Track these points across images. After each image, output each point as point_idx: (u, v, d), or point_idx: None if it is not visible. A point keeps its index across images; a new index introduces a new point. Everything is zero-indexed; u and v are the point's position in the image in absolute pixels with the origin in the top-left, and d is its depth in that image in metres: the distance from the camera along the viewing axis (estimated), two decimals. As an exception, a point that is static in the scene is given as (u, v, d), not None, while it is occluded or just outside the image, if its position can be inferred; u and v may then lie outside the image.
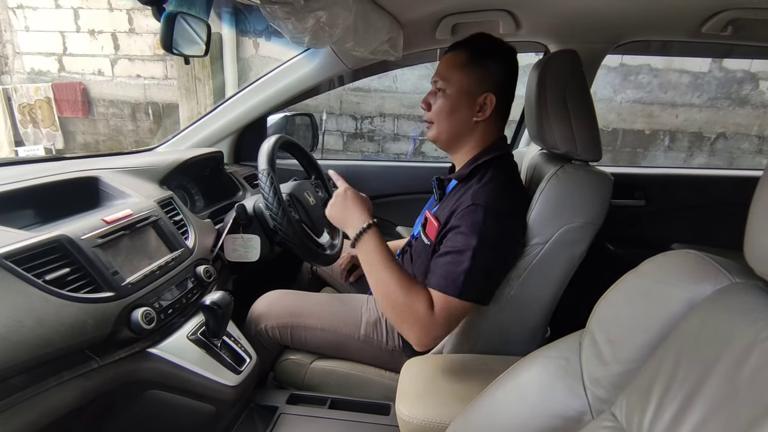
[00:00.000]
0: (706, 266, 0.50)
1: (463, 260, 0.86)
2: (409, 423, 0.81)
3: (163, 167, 1.17)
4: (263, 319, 1.14)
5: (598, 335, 0.58)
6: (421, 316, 0.86)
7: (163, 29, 0.86)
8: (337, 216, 0.99)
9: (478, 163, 0.97)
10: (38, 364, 0.64)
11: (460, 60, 0.97)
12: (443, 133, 1.01)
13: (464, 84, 0.97)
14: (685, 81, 3.69)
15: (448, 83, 0.97)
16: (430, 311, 0.86)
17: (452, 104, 0.98)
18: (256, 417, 1.01)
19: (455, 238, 0.89)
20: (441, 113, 0.99)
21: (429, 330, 0.87)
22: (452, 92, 0.97)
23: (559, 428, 0.57)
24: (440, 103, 0.99)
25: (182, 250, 0.98)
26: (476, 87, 0.97)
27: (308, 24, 0.84)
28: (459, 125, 0.99)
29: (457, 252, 0.87)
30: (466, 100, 0.97)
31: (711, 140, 3.83)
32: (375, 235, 0.93)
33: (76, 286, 0.72)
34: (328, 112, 4.20)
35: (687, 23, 1.20)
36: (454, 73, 0.97)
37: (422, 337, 0.87)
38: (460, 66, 0.97)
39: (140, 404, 0.86)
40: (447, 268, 0.88)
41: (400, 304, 0.87)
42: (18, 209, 0.88)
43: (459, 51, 0.98)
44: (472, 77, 0.96)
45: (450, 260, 0.88)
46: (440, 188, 1.09)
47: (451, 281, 0.86)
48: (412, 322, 0.87)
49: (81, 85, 4.87)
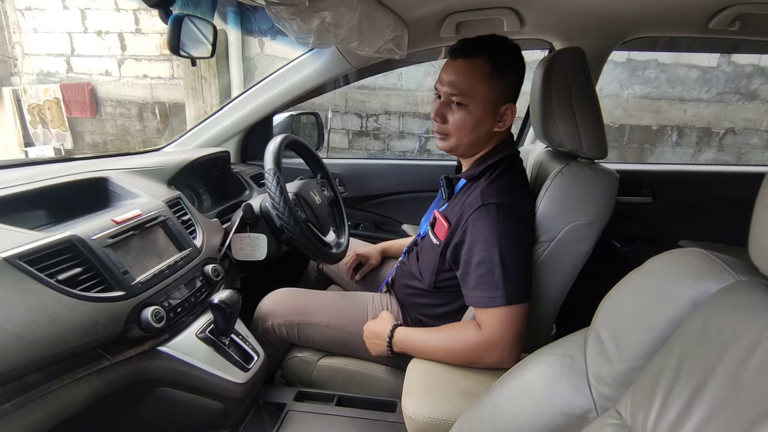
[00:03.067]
0: (711, 264, 0.50)
1: (494, 268, 0.86)
2: (415, 420, 0.82)
3: (171, 167, 1.18)
4: (270, 317, 1.15)
5: (603, 333, 0.58)
6: (479, 344, 0.87)
7: (170, 32, 0.88)
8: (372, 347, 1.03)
9: (489, 163, 0.97)
10: (52, 363, 0.65)
11: (482, 71, 0.90)
12: (461, 146, 0.97)
13: (488, 97, 0.92)
14: (693, 76, 3.65)
15: (470, 97, 0.91)
16: (479, 331, 0.88)
17: (476, 119, 0.93)
18: (264, 414, 1.03)
19: (475, 247, 0.88)
20: (463, 128, 0.94)
21: (493, 346, 0.87)
22: (475, 107, 0.92)
23: (565, 425, 0.57)
24: (461, 118, 0.93)
25: (190, 249, 0.99)
26: (499, 99, 0.93)
27: (313, 24, 0.84)
28: (479, 137, 0.96)
29: (483, 262, 0.87)
30: (490, 113, 0.93)
31: (720, 135, 3.79)
32: (400, 332, 0.98)
33: (87, 285, 0.74)
34: (333, 110, 4.20)
35: (694, 18, 1.19)
36: (477, 86, 0.91)
37: (496, 357, 0.87)
38: (482, 78, 0.90)
39: (151, 401, 0.88)
40: (483, 281, 0.87)
41: (463, 352, 0.89)
42: (30, 210, 0.89)
43: (478, 59, 0.91)
44: (495, 89, 0.92)
45: (482, 272, 0.87)
46: (449, 187, 1.07)
47: (492, 292, 0.86)
48: (478, 353, 0.88)
49: (89, 86, 4.91)
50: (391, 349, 0.97)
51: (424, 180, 1.72)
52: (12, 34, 5.00)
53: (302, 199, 1.23)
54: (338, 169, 1.73)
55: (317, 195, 1.31)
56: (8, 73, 5.16)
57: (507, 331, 0.86)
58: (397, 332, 0.98)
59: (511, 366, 0.84)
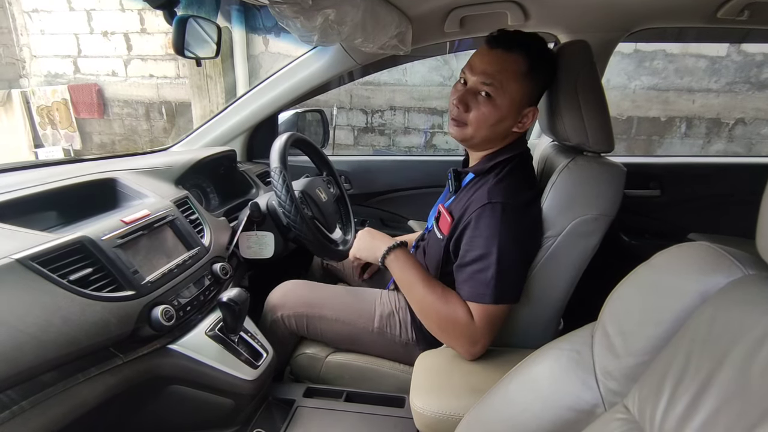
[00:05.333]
0: (719, 258, 0.50)
1: (489, 266, 0.86)
2: (423, 415, 0.82)
3: (178, 167, 1.19)
4: (279, 309, 1.16)
5: (610, 328, 0.58)
6: (464, 326, 0.88)
7: (175, 33, 0.88)
8: (364, 247, 1.04)
9: (499, 160, 0.96)
10: (66, 361, 0.66)
11: (520, 68, 0.89)
12: (476, 138, 0.95)
13: (518, 96, 0.90)
14: (701, 66, 3.60)
15: (500, 91, 0.89)
16: (471, 321, 0.88)
17: (500, 115, 0.91)
18: (273, 410, 1.04)
19: (475, 242, 0.89)
20: (485, 122, 0.92)
21: (475, 339, 0.89)
22: (503, 103, 0.90)
23: (572, 420, 0.57)
24: (486, 111, 0.91)
25: (199, 248, 1.00)
26: (526, 100, 0.92)
27: (317, 22, 0.85)
28: (497, 134, 0.95)
29: (480, 259, 0.88)
30: (514, 112, 0.92)
31: (729, 126, 3.73)
32: (404, 252, 0.98)
33: (98, 285, 0.75)
34: (338, 107, 4.20)
35: (702, 9, 1.17)
36: (511, 83, 0.89)
37: (470, 348, 0.90)
38: (518, 75, 0.89)
39: (163, 399, 0.89)
40: (476, 277, 0.88)
41: (442, 316, 0.90)
42: (41, 212, 0.91)
43: (518, 55, 0.88)
44: (526, 90, 0.91)
45: (476, 269, 0.88)
46: (456, 180, 1.06)
47: (483, 289, 0.87)
48: (456, 334, 0.89)
49: (96, 86, 4.95)
50: (384, 258, 0.98)
51: (430, 176, 1.72)
52: (20, 37, 5.05)
53: (308, 197, 1.23)
54: (344, 166, 1.73)
55: (323, 192, 1.31)
56: (17, 75, 5.22)
57: (486, 327, 0.88)
58: (400, 251, 0.98)
59: (472, 358, 0.92)
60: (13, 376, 0.59)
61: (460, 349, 0.92)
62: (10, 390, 0.60)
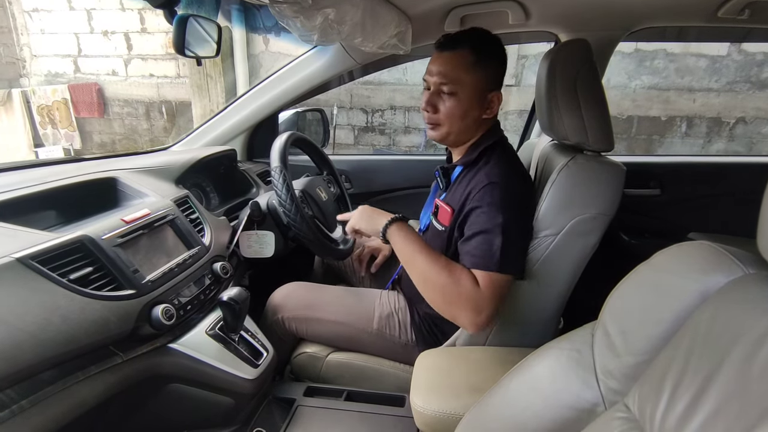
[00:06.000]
0: (719, 257, 0.50)
1: (495, 236, 0.88)
2: (423, 414, 0.82)
3: (179, 166, 1.19)
4: (280, 310, 1.16)
5: (610, 327, 0.58)
6: (469, 293, 0.88)
7: (175, 32, 0.88)
8: (365, 219, 1.04)
9: (482, 148, 1.00)
10: (66, 360, 0.66)
11: (468, 61, 0.95)
12: (453, 134, 1.01)
13: (475, 85, 0.96)
14: (702, 65, 3.60)
15: (458, 85, 0.96)
16: (476, 287, 0.88)
17: (466, 106, 0.97)
18: (274, 409, 1.04)
19: (479, 218, 0.91)
20: (453, 116, 0.98)
21: (480, 307, 0.88)
22: (464, 95, 0.97)
23: (573, 419, 0.57)
24: (451, 106, 0.98)
25: (199, 247, 1.00)
26: (485, 86, 0.98)
27: (317, 22, 0.85)
28: (469, 125, 1.00)
29: (486, 231, 0.89)
30: (478, 100, 0.98)
31: (730, 125, 3.73)
32: (404, 225, 0.98)
33: (98, 284, 0.75)
34: (338, 107, 4.20)
35: (702, 8, 1.17)
36: (465, 75, 0.96)
37: (474, 317, 0.88)
38: (468, 67, 0.96)
39: (163, 397, 0.89)
40: (481, 247, 0.89)
41: (446, 286, 0.89)
42: (41, 211, 0.90)
43: (463, 51, 0.96)
44: (481, 77, 0.96)
45: (482, 240, 0.90)
46: (445, 177, 1.10)
47: (489, 257, 0.88)
48: (461, 303, 0.88)
49: (96, 86, 4.96)
50: (385, 231, 0.98)
51: (430, 175, 1.69)
52: (20, 36, 5.05)
53: (309, 196, 1.23)
54: (344, 165, 1.73)
55: (323, 192, 1.31)
56: (17, 74, 5.22)
57: (491, 295, 0.88)
58: (401, 223, 0.98)
59: (476, 330, 0.90)
60: (13, 375, 0.59)
61: (465, 320, 0.89)
62: (10, 389, 0.60)
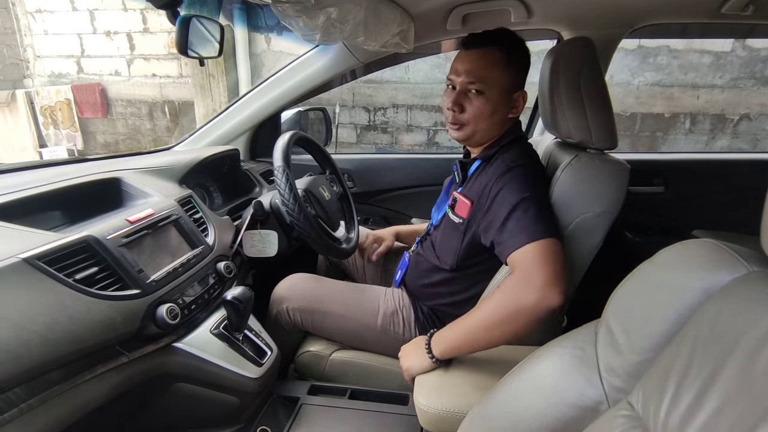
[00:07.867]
0: (723, 255, 0.50)
1: (528, 209, 0.87)
2: (427, 412, 0.82)
3: (182, 166, 1.20)
4: (285, 301, 1.16)
5: (613, 325, 0.58)
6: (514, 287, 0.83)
7: (178, 33, 0.88)
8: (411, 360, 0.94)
9: (502, 144, 1.01)
10: (73, 360, 0.67)
11: (497, 59, 0.95)
12: (478, 133, 1.01)
13: (503, 84, 0.97)
14: (706, 61, 3.57)
15: (486, 84, 0.96)
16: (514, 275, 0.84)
17: (494, 106, 0.97)
18: (278, 407, 1.04)
19: (507, 200, 0.89)
20: (481, 116, 0.98)
21: (533, 284, 0.81)
22: (493, 93, 0.97)
23: (576, 417, 0.57)
24: (479, 106, 0.97)
25: (203, 247, 1.01)
26: (512, 86, 0.98)
27: (319, 21, 0.85)
28: (495, 124, 1.01)
29: (517, 207, 0.87)
30: (505, 99, 0.98)
31: (734, 122, 3.71)
32: (434, 334, 0.92)
33: (104, 284, 0.75)
34: (341, 105, 4.20)
35: (706, 4, 1.16)
36: (494, 73, 0.96)
37: (538, 297, 0.80)
38: (497, 65, 0.95)
39: (168, 396, 0.90)
40: (518, 224, 0.86)
41: (504, 310, 0.84)
42: (46, 211, 0.91)
43: (492, 49, 0.96)
44: (509, 76, 0.97)
45: (517, 217, 0.87)
46: (462, 170, 1.11)
47: (533, 226, 0.85)
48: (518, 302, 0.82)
49: (99, 86, 4.97)
50: (431, 352, 0.89)
51: (433, 174, 1.71)
52: (24, 37, 5.07)
53: (311, 195, 1.23)
54: (347, 164, 1.73)
55: (326, 191, 1.31)
56: (21, 75, 5.24)
57: (545, 265, 0.82)
58: (432, 335, 0.92)
59: (558, 305, 0.81)
60: (21, 374, 0.60)
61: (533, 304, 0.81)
62: (18, 388, 0.60)
